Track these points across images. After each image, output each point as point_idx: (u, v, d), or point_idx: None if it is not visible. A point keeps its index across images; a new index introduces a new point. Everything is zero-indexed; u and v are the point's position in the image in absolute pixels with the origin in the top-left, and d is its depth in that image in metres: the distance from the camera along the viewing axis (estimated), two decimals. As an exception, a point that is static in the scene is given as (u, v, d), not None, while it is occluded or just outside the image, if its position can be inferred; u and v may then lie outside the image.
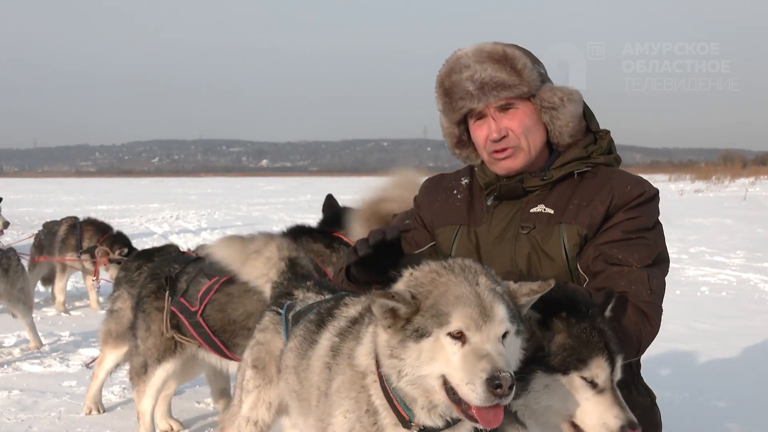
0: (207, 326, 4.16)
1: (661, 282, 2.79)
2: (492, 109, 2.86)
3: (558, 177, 2.89)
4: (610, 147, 3.00)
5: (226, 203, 31.99)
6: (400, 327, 2.13)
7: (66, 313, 8.78)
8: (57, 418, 4.95)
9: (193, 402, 5.49)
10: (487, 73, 2.80)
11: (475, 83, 2.81)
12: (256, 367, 3.01)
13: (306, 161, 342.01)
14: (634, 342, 2.67)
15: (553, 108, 2.86)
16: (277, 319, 2.98)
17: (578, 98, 2.91)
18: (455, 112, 2.93)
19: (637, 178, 2.91)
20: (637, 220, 2.78)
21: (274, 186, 56.98)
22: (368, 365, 2.32)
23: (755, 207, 25.23)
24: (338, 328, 2.56)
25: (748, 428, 4.70)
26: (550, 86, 2.90)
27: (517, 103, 2.85)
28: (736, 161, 53.23)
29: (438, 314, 2.11)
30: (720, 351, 6.57)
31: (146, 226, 19.89)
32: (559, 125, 2.88)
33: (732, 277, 10.91)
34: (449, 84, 2.90)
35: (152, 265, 4.69)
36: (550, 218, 2.85)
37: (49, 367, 6.26)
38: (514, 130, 2.86)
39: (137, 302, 4.48)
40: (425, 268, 2.27)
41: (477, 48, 2.88)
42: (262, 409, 2.99)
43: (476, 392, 2.01)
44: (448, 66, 2.92)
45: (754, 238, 16.11)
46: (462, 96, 2.86)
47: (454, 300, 2.12)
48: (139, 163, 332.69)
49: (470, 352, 2.06)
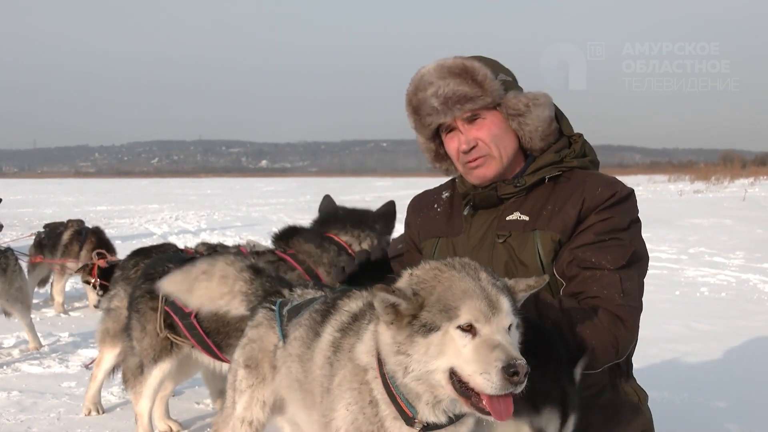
0: (201, 328, 4.15)
1: (636, 282, 2.81)
2: (459, 122, 2.94)
3: (531, 183, 2.95)
4: (584, 150, 3.04)
5: (226, 204, 32.01)
6: (407, 323, 2.15)
7: (65, 314, 8.78)
8: (56, 418, 4.94)
9: (192, 403, 5.49)
10: (449, 87, 2.88)
11: (439, 98, 2.90)
12: (249, 366, 2.99)
13: (305, 162, 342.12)
14: (610, 348, 2.70)
15: (519, 114, 2.92)
16: (271, 315, 2.96)
17: (545, 101, 2.95)
18: (426, 128, 3.03)
19: (609, 179, 2.93)
20: (609, 221, 2.81)
21: (273, 187, 57.00)
22: (369, 362, 2.34)
23: (755, 207, 25.24)
24: (340, 323, 2.58)
25: (748, 428, 4.70)
26: (515, 93, 2.95)
27: (483, 113, 2.92)
28: (736, 162, 53.23)
29: (446, 308, 2.14)
30: (719, 351, 6.58)
31: (146, 227, 19.90)
32: (528, 130, 2.94)
33: (731, 277, 10.91)
34: (416, 102, 2.98)
35: (146, 265, 4.67)
36: (525, 225, 2.90)
37: (49, 368, 6.25)
38: (483, 139, 2.93)
39: (131, 302, 4.46)
40: (426, 266, 2.30)
41: (438, 64, 2.96)
42: (257, 409, 2.97)
43: (492, 381, 2.05)
44: (413, 84, 3.00)
45: (753, 238, 16.11)
46: (429, 112, 2.95)
47: (461, 294, 2.15)
48: (138, 163, 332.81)
49: (482, 343, 2.09)
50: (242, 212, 26.32)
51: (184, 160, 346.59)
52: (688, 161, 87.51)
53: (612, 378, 2.91)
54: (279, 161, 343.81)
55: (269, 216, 23.96)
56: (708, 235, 16.83)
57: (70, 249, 8.91)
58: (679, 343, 6.79)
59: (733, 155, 58.12)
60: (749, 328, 7.53)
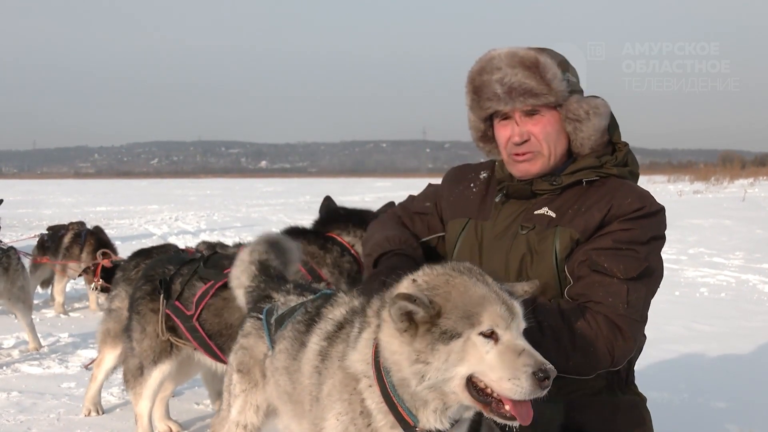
0: (203, 330, 4.15)
1: (643, 297, 2.76)
2: (518, 113, 2.91)
3: (567, 183, 2.92)
4: (626, 159, 3.01)
5: (225, 204, 31.99)
6: (426, 330, 2.11)
7: (65, 315, 8.77)
8: (56, 419, 4.94)
9: (192, 403, 5.48)
10: (517, 78, 2.84)
11: (504, 87, 2.86)
12: (241, 371, 3.01)
13: (305, 162, 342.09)
14: (606, 354, 2.68)
15: (577, 120, 2.89)
16: (259, 324, 2.97)
17: (604, 112, 2.92)
18: (482, 110, 2.99)
19: (642, 193, 2.89)
20: (630, 232, 2.77)
21: (273, 187, 57.01)
22: (363, 371, 2.30)
23: (754, 208, 25.25)
24: (325, 332, 2.55)
25: (748, 428, 4.70)
26: (578, 98, 2.92)
27: (542, 110, 2.89)
28: (735, 162, 53.29)
29: (467, 315, 2.11)
30: (719, 352, 6.58)
31: (145, 228, 19.89)
32: (581, 137, 2.91)
33: (731, 278, 10.91)
34: (479, 82, 2.94)
35: (146, 266, 4.66)
36: (551, 221, 2.88)
37: (48, 368, 6.25)
38: (537, 135, 2.90)
39: (131, 303, 4.45)
40: (433, 272, 2.26)
41: (511, 51, 2.91)
42: (250, 413, 2.99)
43: (521, 386, 2.05)
44: (479, 65, 2.96)
45: (753, 239, 16.12)
46: (490, 97, 2.91)
47: (480, 299, 2.14)
48: (138, 164, 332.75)
49: (506, 349, 2.09)
50: (242, 213, 26.30)
51: (184, 161, 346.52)
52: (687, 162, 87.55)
53: (609, 382, 2.90)
54: (278, 162, 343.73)
55: (269, 216, 23.96)
56: (707, 235, 16.83)
57: (71, 252, 8.94)
58: (679, 344, 6.79)
59: (732, 156, 58.21)
60: (749, 328, 7.53)
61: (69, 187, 57.30)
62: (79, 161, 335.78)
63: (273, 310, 2.94)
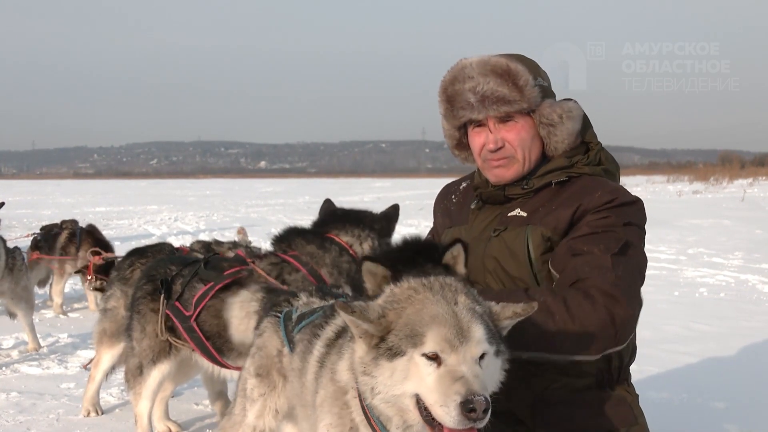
0: (202, 331, 4.14)
1: (630, 272, 2.70)
2: (491, 121, 2.93)
3: (538, 186, 2.95)
4: (599, 158, 3.02)
5: (225, 205, 31.97)
6: (374, 344, 2.09)
7: (64, 315, 8.77)
8: (55, 419, 4.94)
9: (191, 404, 5.48)
10: (489, 86, 2.86)
11: (477, 95, 2.88)
12: (260, 375, 2.98)
13: (304, 163, 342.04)
14: (608, 324, 2.59)
15: (551, 124, 2.92)
16: (275, 321, 2.96)
17: (577, 115, 2.95)
18: (456, 119, 3.02)
19: (613, 187, 2.88)
20: (606, 219, 2.78)
21: (272, 187, 56.99)
22: (348, 381, 2.28)
23: (753, 208, 25.26)
24: (327, 338, 2.54)
25: (747, 429, 4.70)
26: (551, 102, 2.95)
27: (516, 117, 2.92)
28: (735, 162, 53.35)
29: (413, 334, 2.06)
30: (718, 352, 6.58)
31: (144, 228, 19.88)
32: (555, 141, 2.95)
33: (730, 278, 10.91)
34: (452, 92, 2.97)
35: (148, 265, 4.66)
36: (522, 220, 2.92)
37: (48, 369, 6.25)
38: (511, 142, 2.93)
39: (132, 303, 4.45)
40: (404, 284, 2.22)
41: (481, 60, 2.93)
42: (269, 417, 2.97)
43: (450, 415, 1.97)
44: (451, 74, 2.98)
45: (752, 239, 16.12)
46: (463, 106, 2.94)
47: (430, 319, 2.07)
48: (137, 164, 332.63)
49: (445, 374, 2.01)
50: (241, 213, 26.28)
51: (183, 161, 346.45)
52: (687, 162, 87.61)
53: (599, 379, 2.87)
54: (278, 162, 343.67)
55: (268, 217, 23.95)
56: (707, 235, 16.83)
57: (67, 251, 8.93)
58: (678, 344, 6.79)
59: (731, 156, 58.27)
60: (748, 328, 7.53)
61: (68, 188, 57.27)
62: (78, 161, 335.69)
63: (292, 312, 2.93)
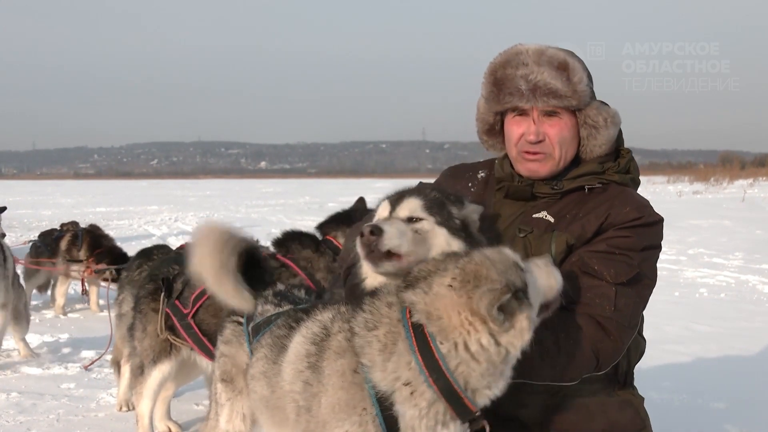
0: (200, 329, 4.15)
1: (632, 303, 2.70)
2: (536, 112, 2.85)
3: (568, 189, 2.89)
4: (629, 167, 2.98)
5: (225, 205, 31.98)
6: (517, 307, 2.20)
7: (64, 316, 8.77)
8: (56, 420, 4.95)
9: (192, 404, 5.49)
10: (543, 76, 2.79)
11: (529, 84, 2.80)
12: (225, 380, 2.98)
13: (304, 163, 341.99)
14: (591, 357, 2.62)
15: (594, 127, 2.86)
16: (239, 331, 2.93)
17: (618, 122, 2.91)
18: (499, 104, 2.92)
19: (641, 202, 2.85)
20: (626, 239, 2.73)
21: (272, 188, 57.00)
22: (407, 377, 2.19)
23: (754, 208, 25.27)
24: (312, 333, 2.44)
25: (747, 429, 4.70)
26: (598, 105, 2.89)
27: (562, 113, 2.85)
28: (735, 163, 53.31)
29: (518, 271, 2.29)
30: (719, 352, 6.58)
31: (145, 228, 19.89)
32: (594, 144, 2.89)
33: (731, 278, 10.91)
34: (501, 75, 2.87)
35: (152, 265, 4.70)
36: (548, 225, 2.84)
37: (48, 369, 6.25)
38: (552, 137, 2.85)
39: (135, 303, 4.48)
40: (472, 258, 2.35)
41: (539, 49, 2.86)
42: (238, 421, 2.97)
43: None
44: (504, 57, 2.89)
45: (752, 239, 16.13)
46: (512, 92, 2.85)
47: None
48: (137, 165, 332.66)
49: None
50: (241, 213, 26.29)
51: (183, 162, 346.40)
52: (687, 162, 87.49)
53: (605, 385, 2.87)
54: (278, 162, 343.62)
55: (268, 217, 23.94)
56: (707, 236, 16.84)
57: (70, 254, 8.95)
58: (679, 344, 6.79)
59: (732, 156, 58.22)
60: (748, 328, 7.54)
61: (68, 188, 57.29)
62: (78, 162, 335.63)
63: (253, 315, 2.89)
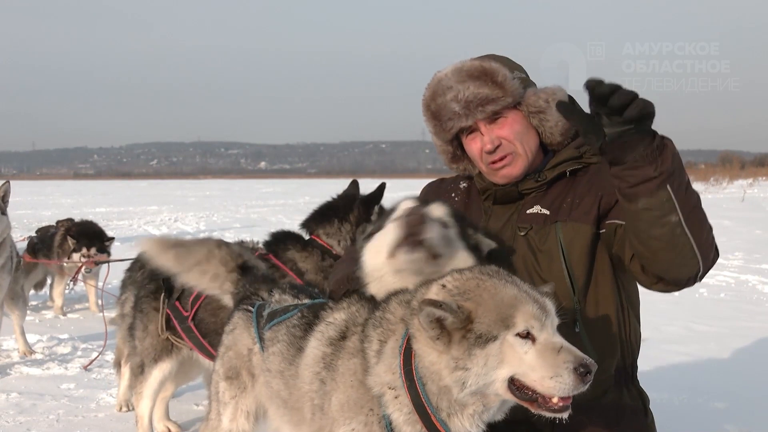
0: (200, 329, 4.14)
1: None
2: (481, 123, 2.92)
3: (551, 178, 2.94)
4: None
5: (225, 205, 31.98)
6: (461, 337, 2.10)
7: (64, 316, 8.77)
8: (55, 420, 4.94)
9: (191, 404, 5.49)
10: (470, 91, 2.86)
11: (460, 103, 2.87)
12: (230, 378, 2.96)
13: (304, 163, 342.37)
14: (712, 242, 2.76)
15: (540, 111, 2.91)
16: (247, 316, 2.92)
17: (562, 95, 2.92)
18: (446, 132, 3.00)
19: None
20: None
21: (272, 188, 57.04)
22: (390, 381, 2.24)
23: (754, 208, 25.29)
24: (328, 337, 2.48)
25: (747, 429, 4.70)
26: (534, 90, 2.95)
27: (504, 113, 2.91)
28: (735, 163, 53.42)
29: (501, 317, 2.10)
30: (718, 352, 6.59)
31: (144, 229, 19.89)
32: (549, 126, 2.93)
33: (730, 278, 10.92)
34: (435, 107, 2.96)
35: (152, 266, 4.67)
36: (546, 218, 2.89)
37: (48, 369, 6.25)
38: (507, 137, 2.91)
39: (136, 302, 4.47)
40: (462, 276, 2.24)
41: (455, 68, 2.93)
42: (242, 420, 2.95)
43: (565, 383, 2.05)
44: (431, 90, 2.98)
45: (752, 239, 16.13)
46: (450, 117, 2.92)
47: (512, 300, 2.13)
48: (137, 165, 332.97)
49: (545, 348, 2.08)
50: (241, 213, 26.30)
51: (183, 162, 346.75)
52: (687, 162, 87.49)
53: (618, 378, 2.89)
54: (278, 162, 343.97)
55: (268, 217, 23.95)
56: (707, 236, 16.82)
57: (64, 249, 8.93)
58: (679, 344, 6.79)
59: (731, 156, 58.35)
60: (748, 328, 7.54)
61: (68, 188, 57.26)
62: (78, 162, 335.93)
63: (265, 305, 2.90)
